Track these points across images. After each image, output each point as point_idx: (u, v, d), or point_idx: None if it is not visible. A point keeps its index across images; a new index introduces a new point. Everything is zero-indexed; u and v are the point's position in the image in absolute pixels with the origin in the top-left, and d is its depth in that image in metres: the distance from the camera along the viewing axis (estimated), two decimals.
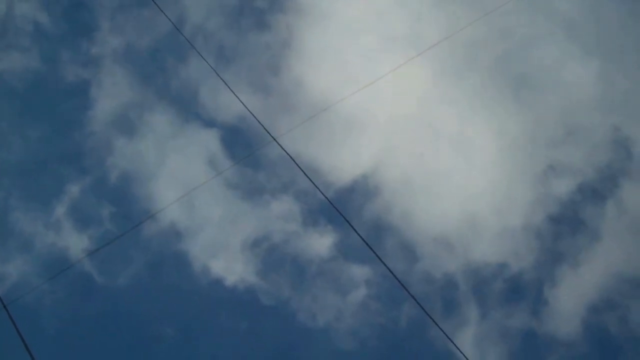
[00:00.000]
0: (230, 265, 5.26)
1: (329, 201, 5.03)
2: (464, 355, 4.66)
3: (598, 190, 5.22)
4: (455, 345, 4.68)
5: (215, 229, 5.42)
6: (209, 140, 5.81)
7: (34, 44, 6.18)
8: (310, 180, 4.85)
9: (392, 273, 4.95)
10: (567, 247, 5.06)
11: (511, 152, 5.41)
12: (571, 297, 4.87)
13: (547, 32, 5.77)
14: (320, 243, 5.30)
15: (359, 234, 5.08)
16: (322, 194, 4.93)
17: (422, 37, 5.86)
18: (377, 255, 5.00)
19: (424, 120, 5.66)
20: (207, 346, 4.97)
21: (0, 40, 6.11)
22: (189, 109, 5.98)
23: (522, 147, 5.40)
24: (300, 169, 4.74)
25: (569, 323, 4.82)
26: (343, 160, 5.63)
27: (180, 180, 5.60)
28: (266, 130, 5.30)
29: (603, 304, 4.86)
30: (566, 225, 5.14)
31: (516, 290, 4.98)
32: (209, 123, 5.91)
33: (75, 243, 5.32)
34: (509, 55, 5.77)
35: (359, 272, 5.14)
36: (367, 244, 5.04)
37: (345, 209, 5.32)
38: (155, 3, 5.85)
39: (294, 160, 4.85)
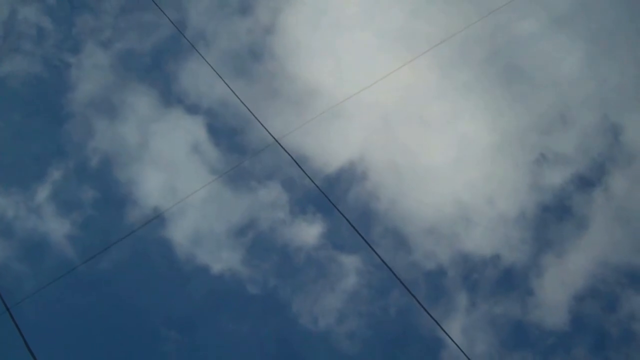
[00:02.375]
0: (215, 253, 5.17)
1: (324, 194, 4.98)
2: (452, 340, 4.64)
3: (590, 179, 5.22)
4: (443, 330, 4.66)
5: (200, 215, 5.32)
6: (194, 126, 5.73)
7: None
8: (310, 179, 4.80)
9: (382, 259, 4.91)
10: (558, 235, 5.05)
11: (502, 141, 5.38)
12: (563, 287, 4.86)
13: (539, 26, 5.76)
14: (308, 232, 5.22)
15: (350, 222, 5.03)
16: (321, 191, 4.88)
17: (417, 35, 5.84)
18: (366, 242, 4.96)
19: (416, 111, 5.63)
20: (192, 335, 4.87)
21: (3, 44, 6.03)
22: (172, 94, 5.90)
23: (513, 136, 5.38)
24: (300, 167, 4.67)
25: (559, 312, 4.80)
26: (330, 149, 5.56)
27: (164, 165, 5.53)
28: (269, 132, 5.32)
29: (594, 293, 4.86)
30: (557, 214, 5.13)
31: (507, 280, 4.95)
32: (194, 108, 5.83)
33: (57, 228, 5.23)
34: (502, 47, 5.75)
35: (348, 261, 5.08)
36: (358, 232, 4.99)
37: (332, 197, 5.26)
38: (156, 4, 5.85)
39: (295, 160, 4.80)
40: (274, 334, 4.90)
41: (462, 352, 4.65)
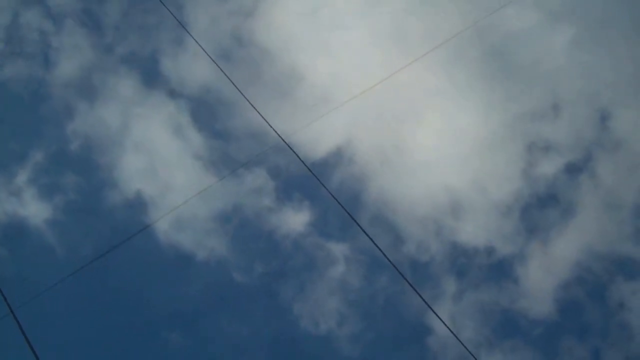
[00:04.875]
0: (200, 241, 5.09)
1: (313, 173, 4.94)
2: (442, 321, 4.65)
3: (580, 167, 5.25)
4: (433, 311, 4.66)
5: (184, 201, 5.24)
6: (177, 109, 5.65)
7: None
8: (299, 158, 4.74)
9: (370, 237, 4.90)
10: (547, 224, 5.06)
11: (494, 130, 5.39)
12: (551, 275, 4.87)
13: (533, 19, 5.78)
14: (295, 219, 5.17)
15: (339, 202, 5.01)
16: (310, 170, 4.84)
17: (410, 34, 5.84)
18: (356, 222, 4.94)
19: (407, 100, 5.61)
20: (180, 327, 4.80)
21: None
22: (156, 77, 5.81)
23: (505, 125, 5.39)
24: (290, 147, 4.61)
25: (547, 301, 4.82)
26: (318, 136, 5.52)
27: (146, 150, 5.45)
28: (260, 114, 5.27)
29: (582, 282, 4.88)
30: (547, 203, 5.15)
31: (496, 268, 4.96)
32: (177, 92, 5.74)
33: (37, 212, 5.12)
34: (496, 40, 5.77)
35: (336, 248, 5.04)
36: (347, 211, 4.97)
37: (319, 184, 5.23)
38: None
39: (284, 140, 4.74)
40: (260, 321, 4.85)
41: (452, 333, 4.66)
